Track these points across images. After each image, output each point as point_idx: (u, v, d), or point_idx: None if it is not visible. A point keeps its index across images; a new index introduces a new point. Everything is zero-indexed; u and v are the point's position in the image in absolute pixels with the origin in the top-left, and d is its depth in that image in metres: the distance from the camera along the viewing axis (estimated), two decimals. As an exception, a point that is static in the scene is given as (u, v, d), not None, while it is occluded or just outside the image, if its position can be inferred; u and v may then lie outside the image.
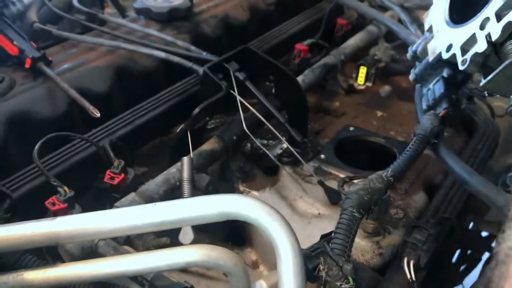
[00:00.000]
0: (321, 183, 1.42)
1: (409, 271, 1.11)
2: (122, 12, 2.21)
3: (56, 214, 1.13)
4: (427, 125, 1.16)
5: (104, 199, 1.29)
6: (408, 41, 1.56)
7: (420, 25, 1.77)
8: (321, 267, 0.91)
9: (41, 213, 1.13)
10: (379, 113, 1.83)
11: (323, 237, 0.98)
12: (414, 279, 1.10)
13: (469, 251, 1.80)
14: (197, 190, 1.30)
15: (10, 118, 1.36)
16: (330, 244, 0.93)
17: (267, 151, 1.48)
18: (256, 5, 2.07)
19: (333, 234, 0.95)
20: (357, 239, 1.24)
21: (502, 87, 1.00)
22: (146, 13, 1.86)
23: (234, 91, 1.46)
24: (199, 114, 1.40)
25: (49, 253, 1.08)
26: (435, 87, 1.24)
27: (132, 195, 1.24)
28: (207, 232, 1.36)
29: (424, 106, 1.28)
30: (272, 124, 1.50)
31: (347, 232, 0.95)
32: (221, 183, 1.47)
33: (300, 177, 1.50)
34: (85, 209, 1.19)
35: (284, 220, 0.85)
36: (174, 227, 0.89)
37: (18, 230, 0.87)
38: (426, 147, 1.58)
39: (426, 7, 1.96)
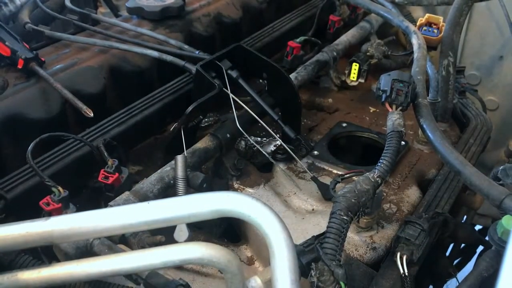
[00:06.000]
0: (314, 179, 1.43)
1: (402, 266, 1.12)
2: (115, 11, 2.21)
3: (50, 214, 1.13)
4: (395, 123, 1.18)
5: (98, 198, 1.30)
6: (402, 27, 1.57)
7: (412, 21, 1.79)
8: (313, 273, 0.93)
9: (36, 213, 1.13)
10: (371, 109, 1.84)
11: (316, 238, 0.99)
12: (407, 273, 1.12)
13: (462, 245, 1.82)
14: (192, 188, 1.31)
15: (3, 119, 1.36)
16: (321, 248, 0.95)
17: (260, 148, 1.48)
18: (248, 3, 2.07)
19: (323, 239, 0.97)
20: (350, 234, 1.26)
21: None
22: (139, 13, 1.86)
23: (227, 89, 1.47)
24: (192, 112, 1.40)
25: (44, 252, 1.09)
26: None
27: (126, 194, 1.24)
28: (202, 229, 1.36)
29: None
30: (265, 122, 1.50)
31: (337, 236, 0.96)
32: (216, 181, 1.48)
33: (294, 173, 1.51)
34: (80, 208, 1.19)
35: (277, 216, 0.86)
36: (167, 225, 0.89)
37: (12, 230, 0.87)
38: (421, 143, 1.61)
39: (417, 2, 1.99)
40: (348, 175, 1.30)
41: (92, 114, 1.39)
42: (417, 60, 1.38)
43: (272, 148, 1.57)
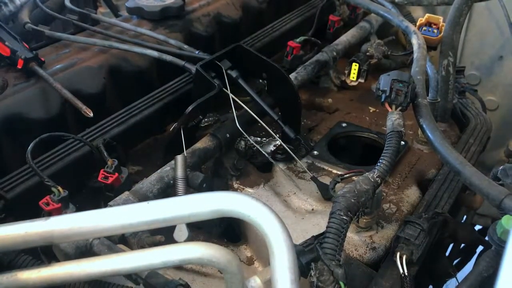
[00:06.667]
0: (314, 179, 1.43)
1: (402, 266, 1.12)
2: (115, 11, 2.22)
3: (50, 214, 1.13)
4: (395, 123, 1.18)
5: (98, 198, 1.30)
6: (401, 27, 1.57)
7: (412, 21, 1.79)
8: (312, 273, 0.93)
9: (36, 213, 1.13)
10: (371, 109, 1.84)
11: (315, 238, 0.99)
12: (406, 273, 1.12)
13: (462, 245, 1.82)
14: (191, 188, 1.31)
15: (3, 119, 1.36)
16: (321, 248, 0.95)
17: (260, 149, 1.48)
18: (248, 3, 2.07)
19: (323, 238, 0.97)
20: (350, 234, 1.26)
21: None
22: (139, 13, 1.86)
23: (227, 89, 1.47)
24: (192, 112, 1.40)
25: (44, 252, 1.09)
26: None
27: (126, 194, 1.24)
28: (202, 229, 1.36)
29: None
30: (265, 122, 1.50)
31: (336, 236, 0.96)
32: (215, 181, 1.48)
33: (294, 173, 1.51)
34: (79, 208, 1.19)
35: (277, 216, 0.86)
36: (167, 225, 0.89)
37: (11, 230, 0.87)
38: (421, 143, 1.61)
39: (417, 2, 1.99)
40: (347, 175, 1.30)
41: (91, 114, 1.39)
42: (417, 60, 1.38)
43: (271, 148, 1.57)
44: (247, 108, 1.48)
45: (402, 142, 1.50)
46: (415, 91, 1.24)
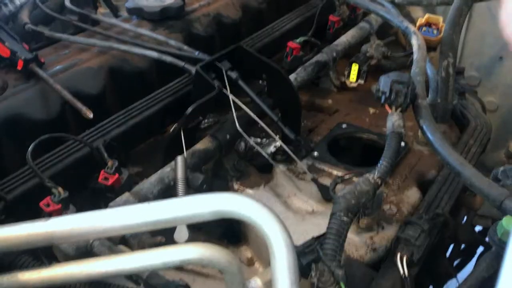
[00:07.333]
0: (314, 180, 1.43)
1: (402, 267, 1.13)
2: (115, 12, 2.21)
3: (50, 215, 1.13)
4: (395, 124, 1.19)
5: (98, 199, 1.30)
6: (401, 27, 1.57)
7: (411, 22, 1.79)
8: (313, 274, 0.93)
9: (36, 214, 1.13)
10: (371, 110, 1.83)
11: (316, 239, 0.99)
12: (407, 274, 1.12)
13: (463, 245, 1.82)
14: (191, 189, 1.31)
15: (3, 120, 1.36)
16: (321, 249, 0.95)
17: (260, 150, 1.48)
18: (248, 3, 2.07)
19: (323, 240, 0.97)
20: (350, 235, 1.25)
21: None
22: (138, 13, 1.86)
23: (226, 90, 1.47)
24: (192, 113, 1.40)
25: (44, 253, 1.09)
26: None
27: (126, 195, 1.24)
28: (202, 230, 1.36)
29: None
30: (265, 123, 1.50)
31: (337, 237, 0.97)
32: (215, 182, 1.48)
33: (294, 174, 1.51)
34: (80, 209, 1.19)
35: (277, 217, 0.86)
36: (168, 226, 0.89)
37: (12, 231, 0.87)
38: (421, 144, 1.61)
39: (417, 3, 1.98)
40: (348, 176, 1.30)
41: (91, 115, 1.39)
42: (416, 61, 1.38)
43: (272, 149, 1.56)
44: (247, 109, 1.48)
45: (402, 143, 1.50)
46: (415, 92, 1.24)
